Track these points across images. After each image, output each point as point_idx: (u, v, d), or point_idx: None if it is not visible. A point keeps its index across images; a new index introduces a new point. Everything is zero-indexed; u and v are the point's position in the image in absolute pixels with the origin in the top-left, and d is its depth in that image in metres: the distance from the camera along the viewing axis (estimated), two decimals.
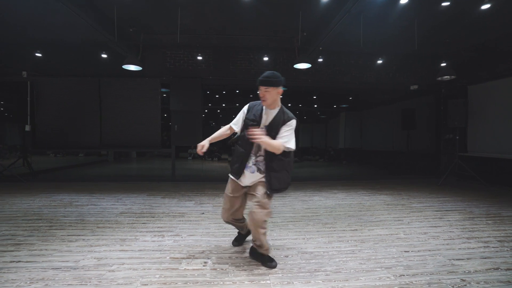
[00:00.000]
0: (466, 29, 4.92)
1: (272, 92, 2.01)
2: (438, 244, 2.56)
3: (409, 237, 2.75)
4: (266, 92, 2.01)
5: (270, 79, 2.00)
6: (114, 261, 2.18)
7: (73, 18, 4.14)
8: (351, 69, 6.37)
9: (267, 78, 2.00)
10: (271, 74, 2.03)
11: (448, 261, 2.21)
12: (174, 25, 4.76)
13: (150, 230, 2.91)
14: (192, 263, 2.17)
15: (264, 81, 2.00)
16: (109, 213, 3.53)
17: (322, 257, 2.27)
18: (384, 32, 4.90)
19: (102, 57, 5.79)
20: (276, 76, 2.02)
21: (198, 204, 4.03)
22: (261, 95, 2.04)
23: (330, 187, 5.42)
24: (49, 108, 5.88)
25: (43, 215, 3.40)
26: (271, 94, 2.02)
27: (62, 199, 4.27)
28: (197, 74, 6.02)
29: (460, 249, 2.44)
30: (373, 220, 3.30)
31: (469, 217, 3.40)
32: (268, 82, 2.00)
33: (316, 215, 3.54)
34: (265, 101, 2.04)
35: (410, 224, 3.17)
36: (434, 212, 3.67)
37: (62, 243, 2.52)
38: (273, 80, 2.00)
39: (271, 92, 2.01)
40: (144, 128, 5.99)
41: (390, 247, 2.49)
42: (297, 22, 4.56)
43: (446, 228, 3.00)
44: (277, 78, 2.02)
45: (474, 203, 4.13)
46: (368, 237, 2.75)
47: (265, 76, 2.02)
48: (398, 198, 4.48)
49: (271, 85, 2.00)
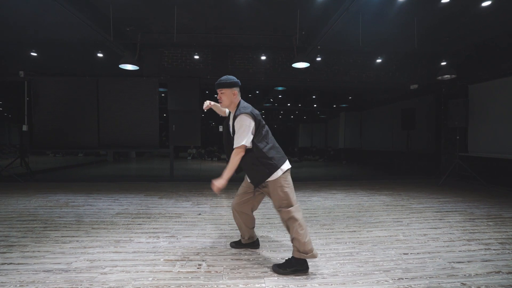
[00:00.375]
0: (467, 27, 4.87)
1: (227, 93, 2.11)
2: (438, 246, 2.51)
3: (408, 239, 2.70)
4: (222, 95, 2.13)
5: (222, 81, 2.11)
6: (107, 263, 2.13)
7: (69, 18, 4.11)
8: (350, 68, 6.32)
9: (220, 81, 2.12)
10: (225, 77, 2.14)
11: (448, 264, 2.16)
12: (171, 24, 4.72)
13: (145, 231, 2.87)
14: (186, 265, 2.13)
15: (217, 85, 2.12)
16: (105, 214, 3.49)
17: (319, 260, 2.23)
18: (383, 30, 4.86)
19: (99, 57, 5.75)
20: (228, 78, 2.12)
21: (196, 205, 3.99)
22: (218, 98, 2.17)
23: (329, 188, 5.37)
24: (46, 108, 5.85)
25: (38, 216, 3.36)
26: (226, 96, 2.12)
27: (58, 199, 4.23)
28: (195, 73, 5.98)
29: (460, 251, 2.39)
30: (372, 221, 3.25)
31: (469, 218, 3.36)
32: (220, 85, 2.11)
33: (314, 216, 3.49)
34: (222, 103, 2.15)
35: (409, 225, 3.12)
36: (434, 213, 3.62)
37: (56, 245, 2.48)
38: (224, 82, 2.10)
39: (226, 93, 2.11)
40: (142, 128, 5.95)
41: (389, 249, 2.44)
42: (295, 21, 4.51)
43: (446, 230, 2.95)
44: (229, 80, 2.12)
45: (475, 204, 4.08)
46: (366, 238, 2.71)
47: (219, 80, 2.13)
48: (397, 199, 4.43)
49: (224, 87, 2.10)
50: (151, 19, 4.73)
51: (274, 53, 6.07)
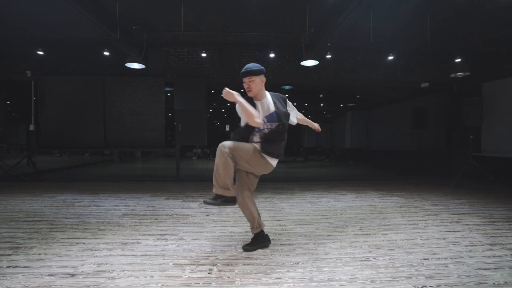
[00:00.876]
0: (482, 22, 4.70)
1: (256, 81, 2.08)
2: (459, 251, 2.38)
3: (427, 242, 2.58)
4: (251, 83, 2.07)
5: (250, 68, 2.08)
6: (114, 267, 2.06)
7: (75, 16, 4.06)
8: (359, 66, 6.18)
9: (248, 68, 2.08)
10: (252, 64, 2.10)
11: (474, 270, 2.04)
12: (177, 22, 4.65)
13: (153, 233, 2.79)
14: (197, 270, 2.04)
15: (246, 72, 2.07)
16: (111, 215, 3.42)
17: (335, 265, 2.12)
18: (395, 26, 4.71)
19: (105, 56, 5.71)
20: (256, 66, 2.10)
21: (203, 206, 3.91)
22: (246, 87, 2.11)
23: (338, 188, 5.25)
24: (53, 107, 5.83)
25: (44, 216, 3.31)
26: (255, 84, 2.08)
27: (65, 199, 4.18)
28: (201, 72, 5.91)
29: (484, 257, 2.26)
30: (386, 224, 3.13)
31: (489, 221, 3.21)
32: (250, 72, 2.07)
33: (325, 217, 3.38)
34: (251, 91, 2.09)
35: (426, 228, 2.99)
36: (450, 215, 3.48)
37: (62, 247, 2.42)
38: (253, 69, 2.07)
39: (255, 81, 2.07)
40: (149, 127, 5.90)
41: (407, 254, 2.32)
42: (304, 17, 4.40)
43: (465, 233, 2.82)
44: (258, 67, 2.10)
45: (492, 205, 3.93)
46: (382, 242, 2.59)
47: (246, 67, 2.09)
48: (410, 200, 4.29)
49: (254, 74, 2.06)
50: (157, 17, 4.66)
51: (282, 51, 5.97)
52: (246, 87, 2.09)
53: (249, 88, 2.07)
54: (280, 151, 2.27)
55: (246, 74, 2.06)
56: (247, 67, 2.08)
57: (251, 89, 2.08)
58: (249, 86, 2.07)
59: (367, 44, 4.81)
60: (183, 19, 4.52)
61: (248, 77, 2.06)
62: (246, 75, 2.06)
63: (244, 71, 2.07)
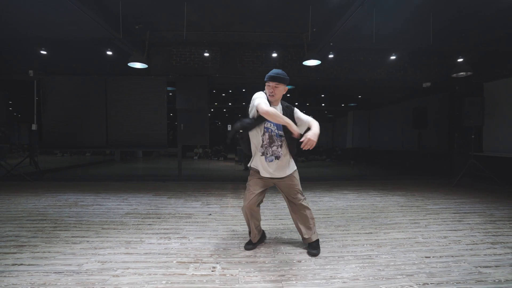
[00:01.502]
0: (484, 22, 4.70)
1: (280, 88, 2.15)
2: (460, 249, 2.40)
3: (428, 241, 2.59)
4: (276, 88, 2.14)
5: (281, 76, 2.12)
6: (118, 265, 2.08)
7: (78, 15, 4.07)
8: (361, 66, 6.19)
9: (279, 75, 2.12)
10: (281, 71, 2.16)
11: (475, 268, 2.05)
12: (180, 22, 4.66)
13: (156, 232, 2.81)
14: (200, 268, 2.06)
15: (276, 78, 2.11)
16: (114, 214, 3.44)
17: (337, 263, 2.14)
18: (397, 26, 4.72)
19: (108, 56, 5.72)
20: (285, 74, 2.16)
21: (205, 205, 3.93)
22: (270, 91, 2.15)
23: (340, 188, 5.26)
24: (55, 107, 5.85)
25: (48, 215, 3.34)
26: (279, 90, 2.16)
27: (67, 198, 4.21)
28: (203, 72, 5.92)
29: (485, 255, 2.28)
30: (388, 223, 3.14)
31: (490, 220, 3.22)
32: (280, 79, 2.12)
33: (327, 216, 3.40)
34: (274, 96, 2.15)
35: (427, 227, 3.00)
36: (451, 214, 3.49)
37: (66, 245, 2.44)
38: (284, 78, 2.13)
39: (280, 88, 2.15)
40: (151, 127, 5.91)
41: (409, 252, 2.34)
42: (306, 17, 4.41)
43: (467, 232, 2.83)
44: (286, 76, 2.16)
45: (494, 205, 3.94)
46: (384, 241, 2.60)
47: (277, 73, 2.13)
48: (412, 199, 4.30)
49: (282, 82, 2.13)
50: (160, 16, 4.68)
51: (284, 51, 5.98)
52: (270, 91, 2.13)
53: (273, 93, 2.12)
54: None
55: (275, 79, 2.10)
56: (277, 73, 2.11)
57: (274, 94, 2.13)
58: (274, 91, 2.12)
59: (370, 44, 4.81)
60: (186, 18, 4.54)
61: (276, 82, 2.10)
62: (275, 80, 2.10)
63: (274, 76, 2.10)
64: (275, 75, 2.10)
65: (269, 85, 2.13)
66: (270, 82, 2.12)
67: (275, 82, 2.10)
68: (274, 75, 2.11)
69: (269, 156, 2.21)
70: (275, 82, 2.10)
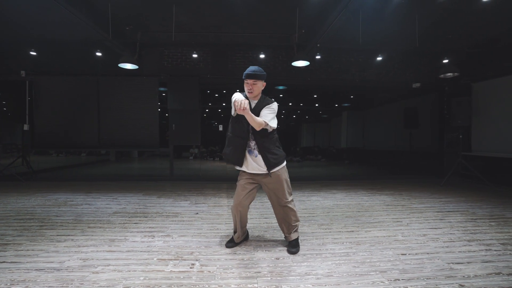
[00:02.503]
0: (469, 24, 4.78)
1: (258, 85, 2.22)
2: (437, 246, 2.46)
3: (407, 239, 2.65)
4: (254, 85, 2.20)
5: (257, 73, 2.20)
6: (99, 262, 2.12)
7: (69, 17, 4.11)
8: (351, 67, 6.26)
9: (255, 72, 2.21)
10: (258, 68, 2.22)
11: (447, 264, 2.11)
12: (170, 23, 4.70)
13: (141, 230, 2.85)
14: (179, 264, 2.10)
15: (253, 75, 2.18)
16: (102, 213, 3.48)
17: (314, 260, 2.19)
18: (384, 28, 4.79)
19: (100, 56, 5.76)
20: (261, 71, 2.22)
21: (193, 204, 3.97)
22: (248, 88, 2.22)
23: (330, 187, 5.31)
24: (47, 107, 5.88)
25: (35, 215, 3.37)
26: (257, 87, 2.22)
27: (57, 198, 4.24)
28: (194, 72, 5.97)
29: (460, 252, 2.34)
30: (371, 221, 3.20)
31: (471, 219, 3.29)
32: (256, 76, 2.19)
33: (312, 215, 3.45)
34: (252, 93, 2.22)
35: (409, 225, 3.06)
36: (435, 213, 3.55)
37: (50, 243, 2.48)
38: (260, 74, 2.20)
39: (258, 85, 2.21)
40: (143, 127, 5.95)
41: (386, 250, 2.39)
42: (294, 19, 4.47)
43: (446, 230, 2.89)
44: (262, 72, 2.23)
45: (478, 204, 4.01)
46: (364, 239, 2.66)
47: (253, 71, 2.20)
48: (398, 199, 4.36)
49: (259, 78, 2.20)
50: (150, 18, 4.72)
51: (274, 52, 6.04)
52: (249, 88, 2.19)
53: (251, 90, 2.19)
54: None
55: (252, 77, 2.16)
56: (254, 71, 2.17)
57: (252, 91, 2.19)
58: (252, 88, 2.18)
59: (358, 45, 4.88)
60: (176, 20, 4.59)
61: (253, 80, 2.17)
62: (252, 77, 2.16)
63: (250, 74, 2.16)
64: (251, 73, 2.16)
65: (247, 83, 2.19)
66: (248, 80, 2.18)
67: (252, 80, 2.17)
68: (251, 72, 2.17)
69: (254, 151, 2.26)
70: (252, 80, 2.17)
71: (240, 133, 2.26)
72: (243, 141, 2.26)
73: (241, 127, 2.24)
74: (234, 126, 2.30)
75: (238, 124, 2.25)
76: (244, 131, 2.24)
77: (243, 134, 2.25)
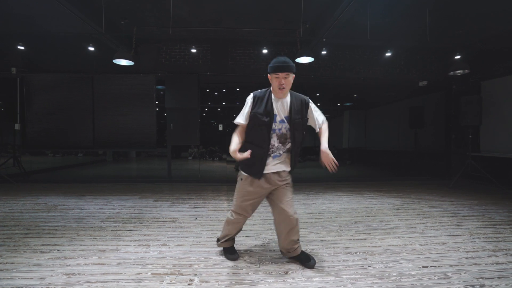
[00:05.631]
0: (481, 19, 4.56)
1: (290, 78, 1.88)
2: (460, 257, 2.23)
3: (425, 248, 2.42)
4: (286, 79, 1.86)
5: (290, 64, 1.86)
6: (86, 278, 1.88)
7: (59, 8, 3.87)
8: (356, 64, 6.03)
9: (287, 63, 1.85)
10: (287, 59, 1.88)
11: (476, 280, 1.88)
12: (167, 17, 4.47)
13: (135, 239, 2.62)
14: (176, 280, 1.87)
15: (286, 67, 1.84)
16: (94, 219, 3.24)
17: (327, 274, 1.96)
18: (393, 22, 4.57)
19: (95, 53, 5.51)
20: (291, 61, 1.90)
21: (192, 208, 3.74)
22: (279, 83, 1.86)
23: (334, 189, 5.09)
24: (39, 106, 5.64)
25: (22, 221, 3.13)
26: (289, 81, 1.88)
27: (48, 202, 3.99)
28: (193, 70, 5.73)
29: (487, 264, 2.11)
30: (383, 228, 2.98)
31: (490, 224, 3.07)
32: (290, 68, 1.85)
33: (319, 221, 3.22)
34: (284, 89, 1.88)
35: (424, 232, 2.84)
36: (449, 218, 3.34)
37: (33, 255, 2.24)
38: (292, 65, 1.88)
39: (289, 78, 1.88)
40: (139, 127, 5.72)
41: (405, 261, 2.17)
42: (299, 12, 4.24)
43: (466, 238, 2.67)
44: (293, 63, 1.92)
45: (493, 207, 3.79)
46: (379, 248, 2.43)
47: (284, 61, 1.86)
48: (408, 202, 4.15)
49: (292, 71, 1.87)
50: (146, 11, 4.48)
51: (276, 48, 5.80)
52: (280, 83, 1.85)
53: (283, 85, 1.85)
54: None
55: (285, 69, 1.82)
56: (285, 62, 1.84)
57: (285, 86, 1.86)
58: (284, 83, 1.85)
59: (364, 40, 4.67)
60: (173, 14, 4.35)
61: (286, 72, 1.83)
62: (285, 70, 1.82)
63: (283, 65, 1.83)
64: (284, 65, 1.82)
65: (278, 77, 1.85)
66: (279, 73, 1.83)
67: (285, 73, 1.83)
68: (283, 64, 1.83)
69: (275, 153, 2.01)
70: (285, 73, 1.83)
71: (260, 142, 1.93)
72: (264, 151, 1.93)
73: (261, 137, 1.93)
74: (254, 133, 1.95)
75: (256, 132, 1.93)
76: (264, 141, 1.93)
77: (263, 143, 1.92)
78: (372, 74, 6.08)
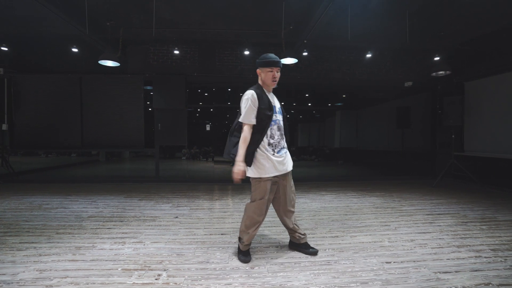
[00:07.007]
0: (462, 21, 4.66)
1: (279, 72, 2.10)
2: (424, 253, 2.31)
3: (393, 245, 2.50)
4: (278, 73, 2.08)
5: (280, 60, 2.07)
6: (57, 274, 1.94)
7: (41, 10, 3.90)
8: (342, 65, 6.11)
9: (278, 60, 2.06)
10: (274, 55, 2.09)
11: (433, 274, 1.96)
12: (153, 19, 4.52)
13: (112, 237, 2.67)
14: (144, 275, 1.93)
15: (279, 62, 2.05)
16: (76, 217, 3.29)
17: (292, 270, 2.03)
18: (374, 24, 4.65)
19: (82, 53, 5.55)
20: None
21: (175, 207, 3.79)
22: (273, 76, 2.06)
23: (319, 189, 5.17)
24: (27, 106, 5.66)
25: (3, 220, 3.17)
26: (279, 75, 2.10)
27: (32, 201, 4.03)
28: (181, 70, 5.78)
29: (448, 259, 2.19)
30: (357, 225, 3.05)
31: (462, 222, 3.15)
32: (280, 63, 2.08)
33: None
34: (276, 82, 2.10)
35: (397, 229, 2.92)
36: (425, 216, 3.42)
37: (9, 253, 2.29)
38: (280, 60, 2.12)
39: (279, 73, 2.10)
40: (127, 127, 5.76)
41: (370, 257, 2.24)
42: (281, 14, 4.31)
43: (435, 235, 2.75)
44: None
45: (469, 206, 3.88)
46: (348, 245, 2.51)
47: (277, 57, 2.06)
48: (388, 201, 4.23)
49: (281, 66, 2.10)
50: (131, 13, 4.53)
51: (263, 49, 5.86)
52: (274, 76, 2.06)
53: (276, 78, 2.07)
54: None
55: (279, 64, 2.05)
56: (277, 57, 2.07)
57: (277, 80, 2.09)
58: (277, 77, 2.07)
59: (348, 42, 4.73)
60: (159, 16, 4.41)
61: (279, 67, 2.06)
62: (278, 65, 2.05)
63: (277, 60, 2.05)
64: (277, 60, 2.04)
65: (271, 71, 2.05)
66: (274, 68, 2.04)
67: (277, 67, 2.05)
68: (276, 60, 2.04)
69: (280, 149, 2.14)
70: (277, 67, 2.05)
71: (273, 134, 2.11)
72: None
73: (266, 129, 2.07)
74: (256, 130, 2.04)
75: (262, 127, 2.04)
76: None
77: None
78: (358, 75, 6.16)
